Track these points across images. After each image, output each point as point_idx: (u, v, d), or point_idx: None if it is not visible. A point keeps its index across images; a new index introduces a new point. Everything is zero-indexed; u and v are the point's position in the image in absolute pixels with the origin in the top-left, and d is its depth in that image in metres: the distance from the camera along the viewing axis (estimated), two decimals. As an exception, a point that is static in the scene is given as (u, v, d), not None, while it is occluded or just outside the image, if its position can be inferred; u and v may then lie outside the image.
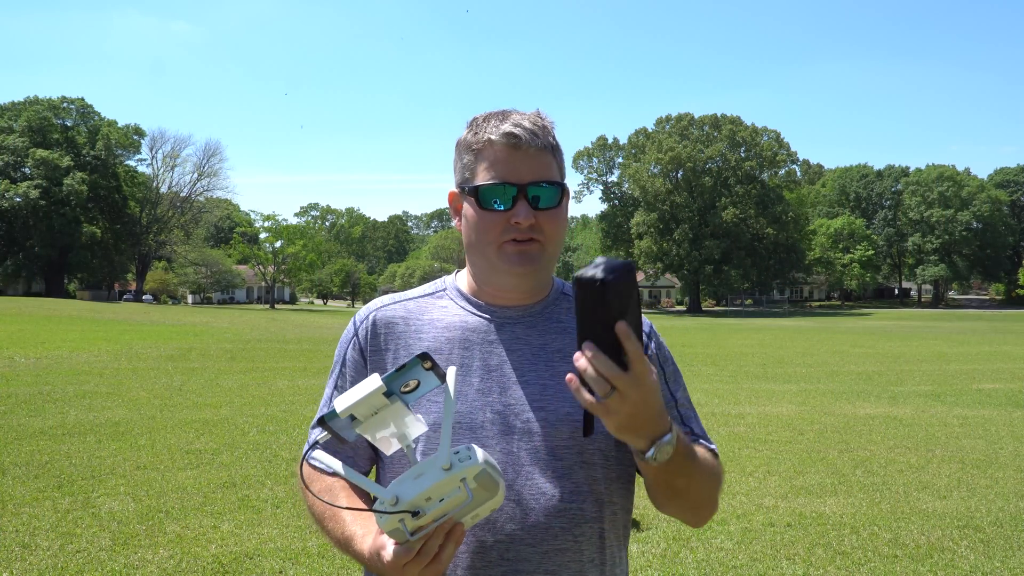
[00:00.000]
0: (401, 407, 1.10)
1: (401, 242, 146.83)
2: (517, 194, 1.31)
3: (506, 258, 1.34)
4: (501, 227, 1.33)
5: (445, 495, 1.07)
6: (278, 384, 12.56)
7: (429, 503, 1.07)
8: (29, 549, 4.63)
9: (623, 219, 73.26)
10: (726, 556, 4.78)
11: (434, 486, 1.06)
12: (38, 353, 16.21)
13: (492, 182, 1.32)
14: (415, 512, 1.07)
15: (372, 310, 1.45)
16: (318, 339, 23.97)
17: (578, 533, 1.31)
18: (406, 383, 1.09)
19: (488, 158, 1.33)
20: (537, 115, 1.37)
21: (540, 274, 1.37)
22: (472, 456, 1.08)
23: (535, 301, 1.42)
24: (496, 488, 1.11)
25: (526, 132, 1.32)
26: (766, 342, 26.25)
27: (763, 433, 8.88)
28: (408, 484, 1.08)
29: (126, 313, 37.92)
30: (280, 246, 73.97)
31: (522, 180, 1.31)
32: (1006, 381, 14.54)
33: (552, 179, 1.33)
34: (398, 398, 1.09)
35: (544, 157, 1.34)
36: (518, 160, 1.32)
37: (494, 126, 1.34)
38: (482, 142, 1.34)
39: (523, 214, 1.31)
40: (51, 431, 8.06)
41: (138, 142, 69.45)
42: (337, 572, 4.43)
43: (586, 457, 1.33)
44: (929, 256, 78.69)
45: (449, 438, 1.08)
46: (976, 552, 4.94)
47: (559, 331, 1.40)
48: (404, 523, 1.07)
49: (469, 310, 1.42)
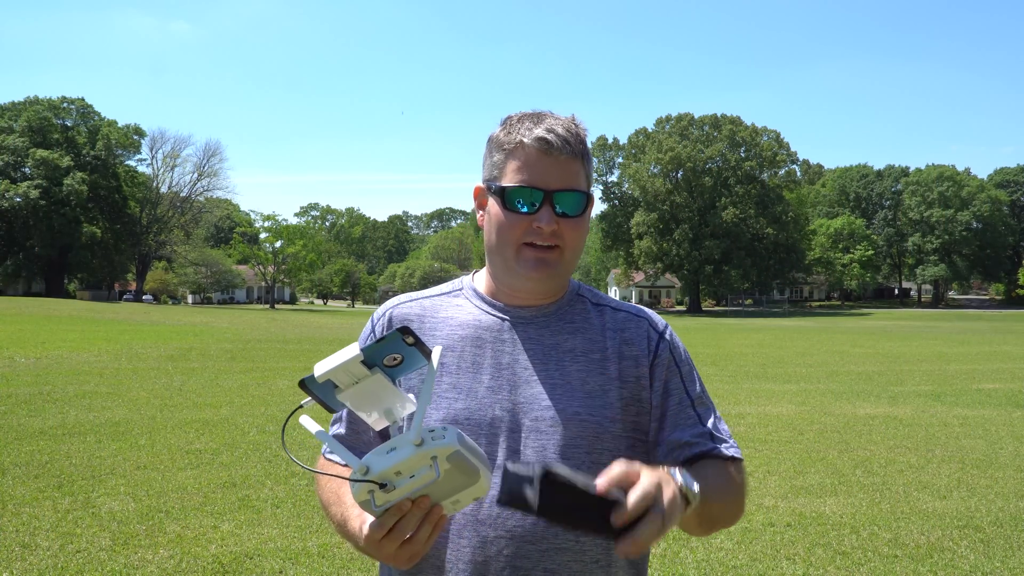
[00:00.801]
0: (384, 380, 1.08)
1: (401, 242, 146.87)
2: (543, 199, 1.32)
3: (524, 263, 1.34)
4: (523, 230, 1.33)
5: (415, 471, 1.05)
6: (278, 384, 12.56)
7: (399, 478, 1.06)
8: (29, 549, 4.63)
9: (623, 219, 73.26)
10: (726, 556, 4.78)
11: (404, 461, 1.04)
12: (38, 353, 16.21)
13: (520, 184, 1.32)
14: (383, 484, 1.06)
15: (389, 307, 1.48)
16: (318, 339, 23.97)
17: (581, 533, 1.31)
18: (390, 356, 1.07)
19: (518, 159, 1.33)
20: (572, 121, 1.37)
21: (557, 279, 1.38)
22: (446, 436, 1.06)
23: (550, 301, 1.43)
24: (476, 475, 1.08)
25: (559, 139, 1.32)
26: (766, 342, 26.25)
27: (763, 433, 8.88)
28: (380, 457, 1.06)
29: (126, 313, 37.93)
30: (280, 246, 74.01)
31: (549, 186, 1.32)
32: (1006, 381, 14.54)
33: (579, 187, 1.34)
34: (380, 370, 1.07)
35: (573, 165, 1.34)
36: (548, 165, 1.32)
37: (528, 128, 1.34)
38: (514, 142, 1.34)
39: (546, 220, 1.31)
40: (51, 431, 8.06)
41: (138, 142, 69.50)
42: (337, 572, 4.43)
43: (595, 457, 1.33)
44: (929, 256, 78.70)
45: (423, 415, 1.07)
46: (976, 552, 4.94)
47: (571, 331, 1.40)
48: (373, 495, 1.06)
49: (484, 309, 1.43)
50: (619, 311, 1.45)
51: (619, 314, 1.44)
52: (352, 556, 4.62)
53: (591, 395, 1.35)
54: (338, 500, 1.34)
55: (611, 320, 1.43)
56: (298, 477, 6.44)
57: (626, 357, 1.39)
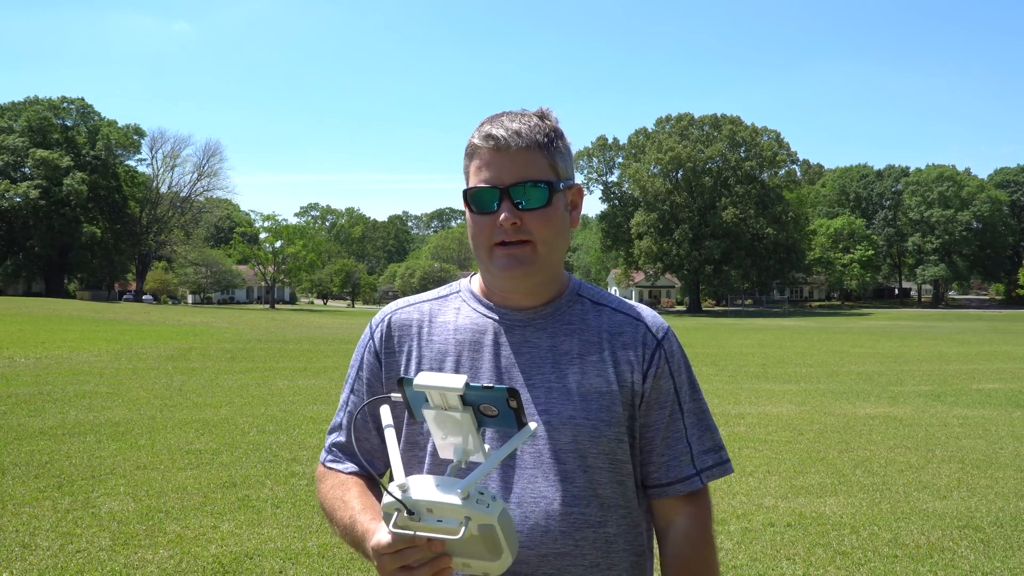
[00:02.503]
0: (471, 422, 1.10)
1: (401, 242, 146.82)
2: (500, 196, 1.31)
3: (496, 262, 1.34)
4: (490, 230, 1.33)
5: (445, 518, 1.06)
6: (278, 384, 12.56)
7: (429, 515, 1.06)
8: (29, 549, 4.63)
9: (623, 219, 73.26)
10: (726, 556, 4.78)
11: (441, 503, 1.05)
12: (38, 353, 16.21)
13: (477, 185, 1.33)
14: (411, 512, 1.06)
15: (387, 313, 1.47)
16: (318, 339, 23.97)
17: (579, 537, 1.30)
18: (488, 407, 1.09)
19: (477, 161, 1.34)
20: (532, 114, 1.36)
21: (536, 276, 1.36)
22: (491, 507, 1.06)
23: (545, 302, 1.41)
24: (499, 554, 1.09)
25: (508, 132, 1.31)
26: (766, 342, 26.24)
27: (763, 433, 8.88)
28: (425, 485, 1.07)
29: (126, 313, 37.93)
30: (280, 246, 74.02)
31: (503, 182, 1.31)
32: (1006, 381, 14.54)
33: (534, 178, 1.32)
34: (472, 411, 1.09)
35: (529, 155, 1.32)
36: (501, 162, 1.32)
37: (482, 129, 1.34)
38: (472, 146, 1.36)
39: (504, 215, 1.30)
40: (51, 431, 8.06)
41: (138, 142, 69.48)
42: (337, 572, 4.43)
43: (590, 461, 1.33)
44: (929, 256, 78.69)
45: (485, 473, 1.08)
46: (976, 552, 4.94)
47: (568, 333, 1.39)
48: (397, 514, 1.07)
49: (481, 312, 1.42)
50: (618, 313, 1.43)
51: (617, 316, 1.42)
52: (352, 556, 4.62)
53: (587, 399, 1.34)
54: (344, 505, 1.34)
55: (609, 322, 1.41)
56: (298, 477, 6.44)
57: (621, 362, 1.38)
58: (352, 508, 1.32)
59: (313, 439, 8.02)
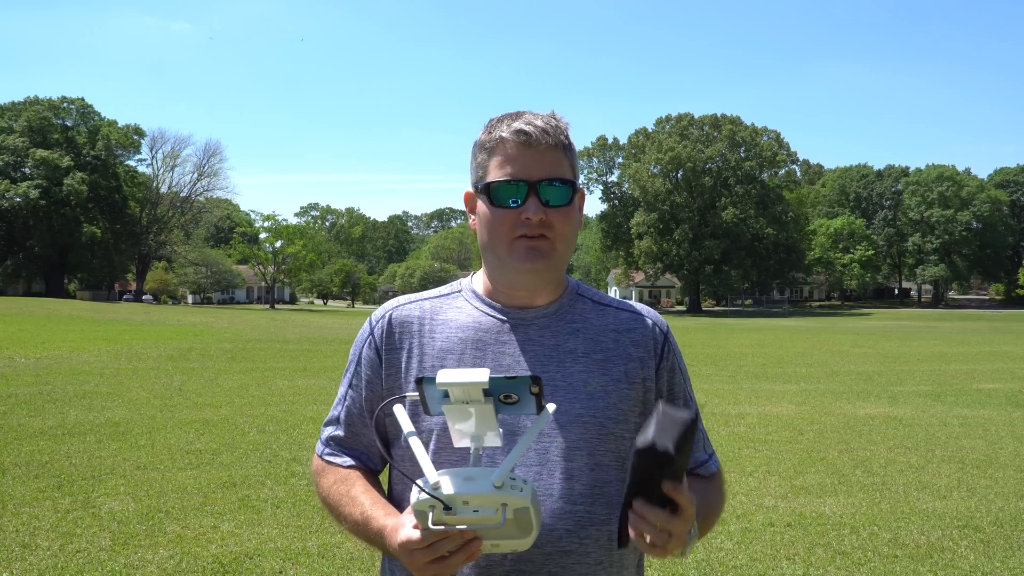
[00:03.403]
0: (490, 412, 1.12)
1: (401, 242, 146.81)
2: (528, 190, 1.32)
3: (516, 254, 1.34)
4: (512, 223, 1.33)
5: (481, 508, 1.08)
6: (278, 384, 12.56)
7: (465, 507, 1.08)
8: (29, 549, 4.63)
9: (623, 219, 73.26)
10: (726, 556, 4.78)
11: (478, 495, 1.08)
12: (38, 353, 16.21)
13: (504, 179, 1.33)
14: (448, 507, 1.08)
15: (388, 309, 1.46)
16: (318, 339, 23.97)
17: (584, 536, 1.31)
18: (509, 394, 1.11)
19: (500, 155, 1.35)
20: (551, 115, 1.38)
21: (551, 272, 1.38)
22: (524, 490, 1.10)
23: (549, 301, 1.42)
24: (529, 533, 1.13)
25: (537, 130, 1.33)
26: (766, 342, 26.24)
27: (763, 433, 8.88)
28: (457, 480, 1.09)
29: (126, 313, 37.93)
30: (280, 246, 73.94)
31: (532, 177, 1.32)
32: (1006, 381, 14.54)
33: (564, 177, 1.34)
34: (493, 402, 1.11)
35: (555, 155, 1.35)
36: (529, 157, 1.33)
37: (507, 125, 1.35)
38: (495, 140, 1.36)
39: (533, 210, 1.31)
40: (51, 431, 8.06)
41: (138, 142, 69.44)
42: (337, 572, 4.43)
43: (597, 459, 1.33)
44: (929, 256, 78.68)
45: (514, 461, 1.10)
46: (976, 552, 4.94)
47: (572, 332, 1.40)
48: (433, 511, 1.09)
49: (483, 310, 1.42)
50: (623, 311, 1.45)
51: (623, 314, 1.44)
52: (352, 556, 4.62)
53: (593, 396, 1.35)
54: (352, 501, 1.34)
55: (614, 320, 1.43)
56: (298, 477, 6.44)
57: (633, 358, 1.39)
58: (362, 504, 1.32)
59: (313, 439, 8.02)
